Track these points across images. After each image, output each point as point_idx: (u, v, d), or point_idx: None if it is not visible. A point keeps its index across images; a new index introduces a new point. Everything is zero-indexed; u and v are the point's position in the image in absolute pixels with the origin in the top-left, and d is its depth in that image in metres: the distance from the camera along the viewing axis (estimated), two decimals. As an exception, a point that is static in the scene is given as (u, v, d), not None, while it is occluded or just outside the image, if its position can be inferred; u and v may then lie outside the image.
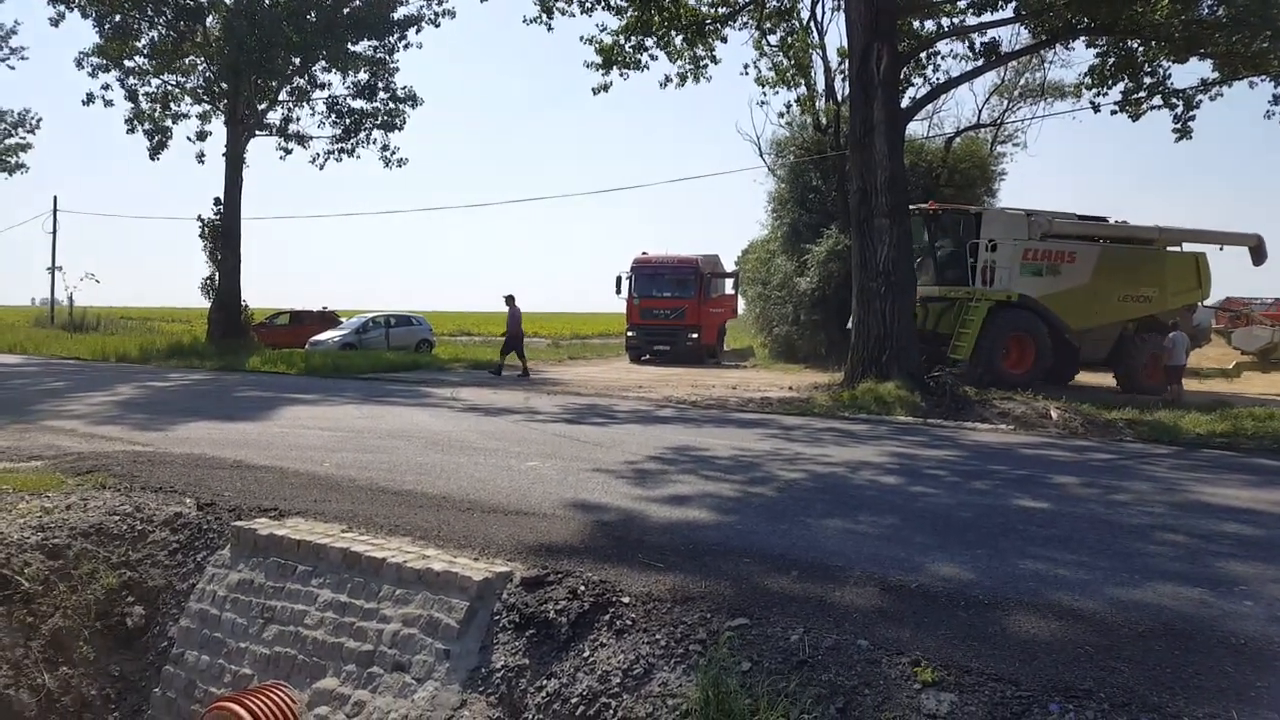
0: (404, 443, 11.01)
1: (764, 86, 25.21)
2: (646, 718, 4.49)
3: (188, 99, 30.96)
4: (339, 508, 7.37)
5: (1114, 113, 19.30)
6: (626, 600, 5.24)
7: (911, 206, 23.54)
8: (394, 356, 26.67)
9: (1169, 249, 22.29)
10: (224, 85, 29.64)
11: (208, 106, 30.96)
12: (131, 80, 30.01)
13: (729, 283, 33.00)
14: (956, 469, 10.09)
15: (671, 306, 29.72)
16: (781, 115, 33.87)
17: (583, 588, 5.43)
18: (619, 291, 30.58)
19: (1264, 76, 17.64)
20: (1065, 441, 12.87)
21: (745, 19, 22.67)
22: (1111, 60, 18.71)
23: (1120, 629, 4.76)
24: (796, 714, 4.15)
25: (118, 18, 28.85)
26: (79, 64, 29.44)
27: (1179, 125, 18.68)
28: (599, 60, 20.47)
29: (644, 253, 31.23)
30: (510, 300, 22.76)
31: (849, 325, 24.29)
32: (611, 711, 4.64)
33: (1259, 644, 4.56)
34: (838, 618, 4.89)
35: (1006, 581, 5.54)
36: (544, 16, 20.36)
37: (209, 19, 29.52)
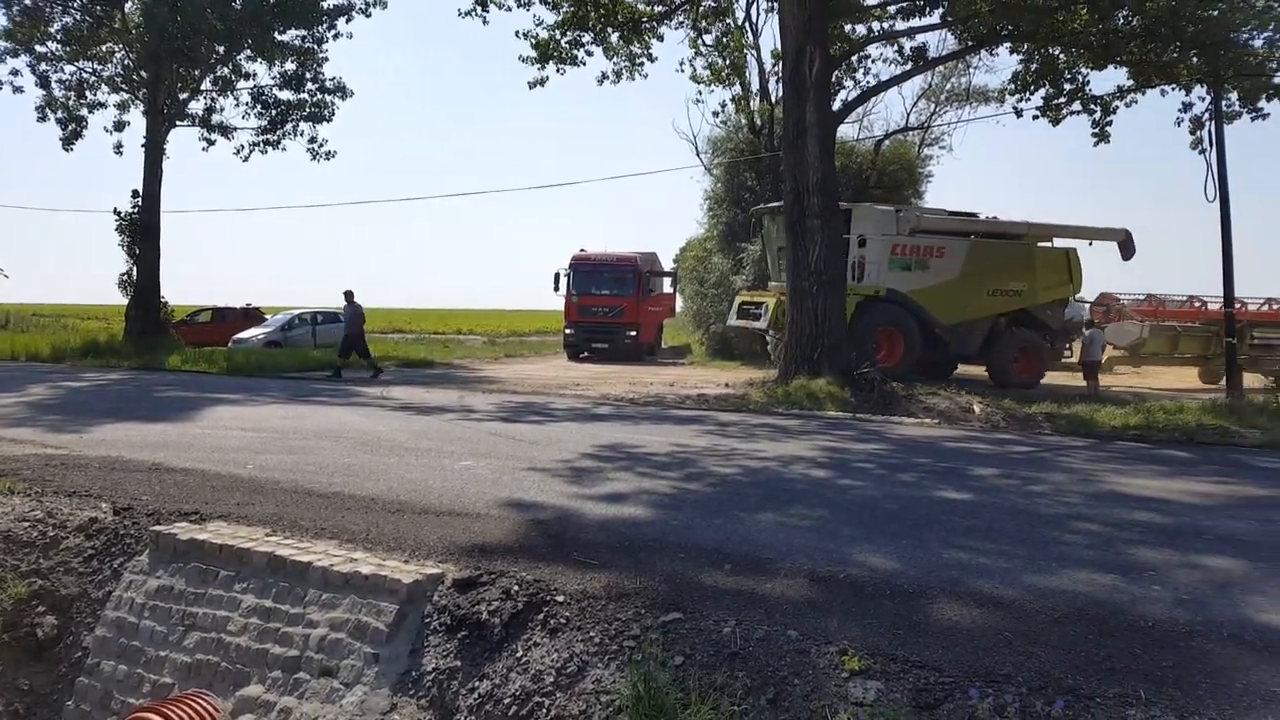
0: (332, 443, 10.84)
1: (700, 85, 25.39)
2: (580, 715, 4.50)
3: (105, 87, 29.88)
4: (263, 511, 7.23)
5: (1035, 117, 19.80)
6: (561, 599, 5.24)
7: (781, 203, 23.89)
8: (321, 354, 26.18)
9: (1040, 244, 22.87)
10: (143, 74, 28.68)
11: (126, 95, 29.91)
12: (44, 66, 28.82)
13: (667, 281, 33.15)
14: (884, 462, 10.29)
15: (610, 304, 29.73)
16: (716, 114, 34.27)
17: (516, 587, 5.42)
18: (557, 289, 30.48)
19: (1174, 85, 18.27)
20: (987, 435, 13.21)
21: (681, 18, 22.77)
22: (1034, 66, 19.19)
23: (1038, 615, 4.91)
24: (728, 706, 4.20)
25: (28, 0, 27.77)
26: (-15, 47, 28.28)
27: (1097, 130, 19.24)
28: (534, 55, 20.38)
29: (582, 250, 31.19)
30: (349, 296, 21.87)
31: (729, 322, 24.54)
32: (545, 710, 4.64)
33: (1165, 626, 4.76)
34: (769, 609, 4.96)
35: (930, 571, 5.68)
36: (479, 9, 20.18)
37: (128, 4, 28.55)
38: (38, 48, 28.60)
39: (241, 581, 6.05)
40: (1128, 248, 22.94)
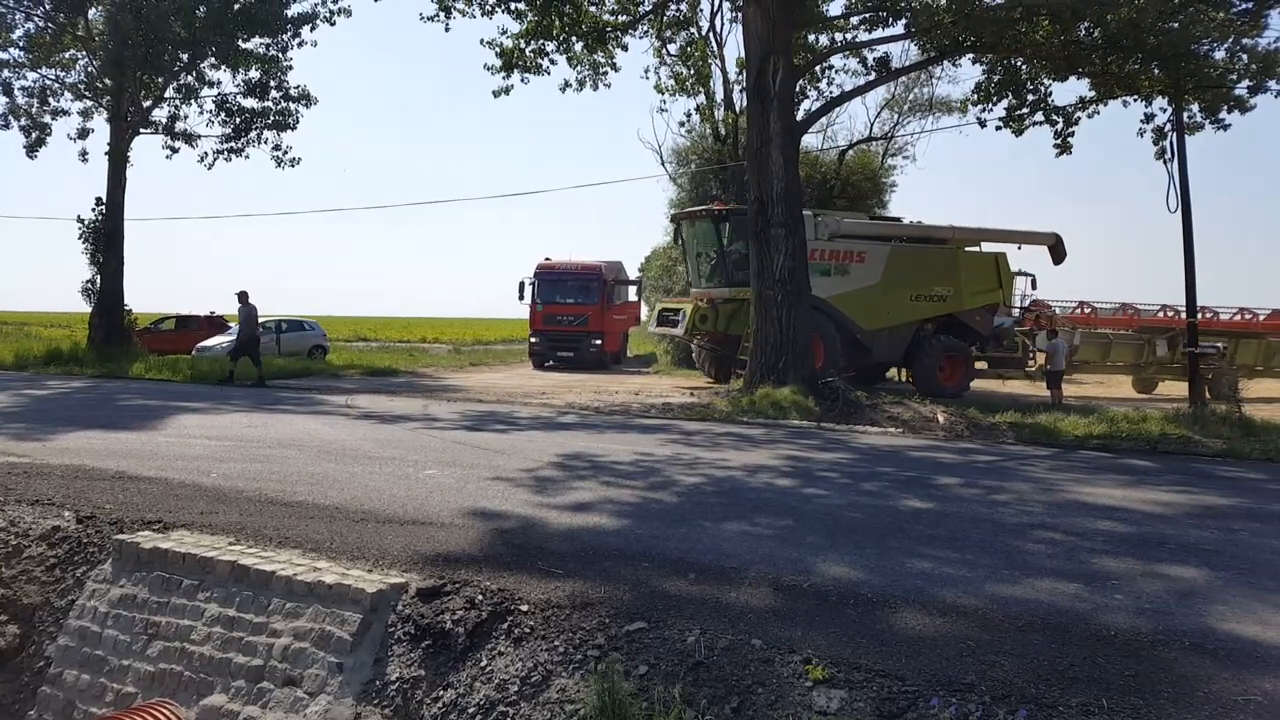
0: (295, 452, 10.74)
1: (664, 94, 25.45)
2: (544, 725, 4.49)
3: (68, 94, 29.54)
4: (227, 520, 7.15)
5: (999, 128, 19.99)
6: (525, 608, 5.23)
7: (699, 208, 23.75)
8: (285, 363, 25.96)
9: (967, 249, 22.85)
10: (107, 81, 28.36)
11: (90, 103, 29.57)
12: (6, 74, 28.49)
13: (632, 290, 33.19)
14: (848, 471, 10.35)
15: (575, 313, 29.74)
16: (681, 124, 34.44)
17: (480, 597, 5.40)
18: (522, 297, 30.46)
19: (1135, 96, 18.55)
20: (950, 444, 13.32)
21: (645, 27, 22.82)
22: (996, 77, 19.39)
23: (1001, 624, 4.95)
24: (692, 715, 4.20)
25: (-11, 8, 27.46)
26: (-54, 56, 27.87)
27: (1059, 141, 19.46)
28: (499, 63, 20.35)
29: (547, 258, 31.17)
30: (244, 298, 21.31)
31: (649, 329, 24.55)
32: (509, 720, 4.62)
33: (1128, 635, 4.81)
34: (733, 618, 4.97)
35: (894, 580, 5.72)
36: (441, 15, 20.12)
37: (91, 11, 28.23)
38: (0, 54, 28.26)
39: (205, 590, 5.98)
40: (1058, 251, 22.99)
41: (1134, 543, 7.01)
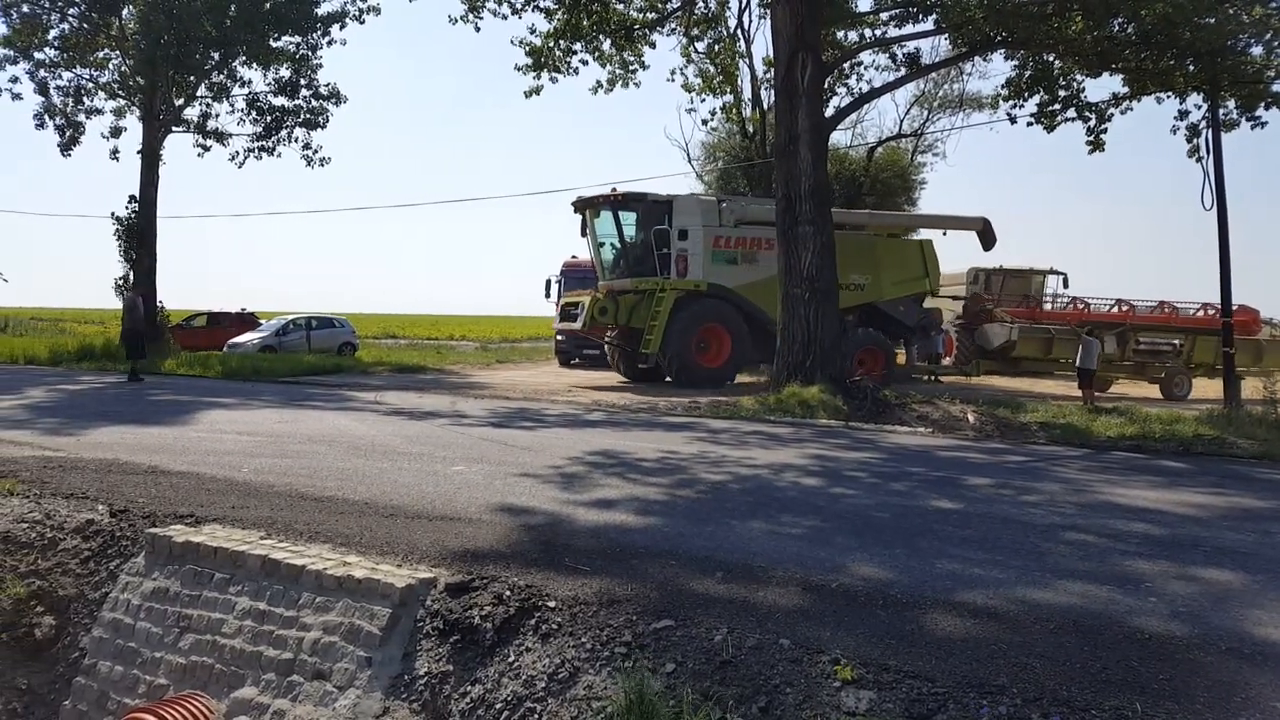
0: (325, 448, 10.82)
1: (691, 93, 25.40)
2: (571, 721, 4.49)
3: (101, 93, 30.02)
4: (257, 514, 7.22)
5: (1030, 124, 19.76)
6: (552, 604, 5.23)
7: (597, 195, 22.83)
8: (315, 359, 26.22)
9: (890, 236, 22.30)
10: (139, 80, 28.78)
11: (123, 102, 30.03)
12: (42, 73, 28.99)
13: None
14: (876, 471, 10.28)
15: None
16: (705, 122, 34.36)
17: (508, 592, 5.41)
18: (548, 295, 30.48)
19: (1170, 93, 18.29)
20: (980, 444, 13.20)
21: (673, 25, 22.81)
22: (1028, 73, 19.18)
23: (1033, 626, 4.90)
24: (719, 714, 4.19)
25: (25, 8, 27.88)
26: (-15, 56, 28.37)
27: (1092, 138, 19.22)
28: (529, 62, 20.42)
29: (574, 256, 31.18)
30: (130, 286, 21.02)
31: (554, 326, 24.18)
32: (536, 716, 4.63)
33: (1162, 639, 4.74)
34: (760, 618, 4.95)
35: (924, 581, 5.67)
36: (471, 15, 20.20)
37: (124, 11, 28.65)
38: (36, 54, 28.73)
39: (236, 584, 6.04)
40: (987, 237, 22.46)
41: (1167, 545, 6.92)
